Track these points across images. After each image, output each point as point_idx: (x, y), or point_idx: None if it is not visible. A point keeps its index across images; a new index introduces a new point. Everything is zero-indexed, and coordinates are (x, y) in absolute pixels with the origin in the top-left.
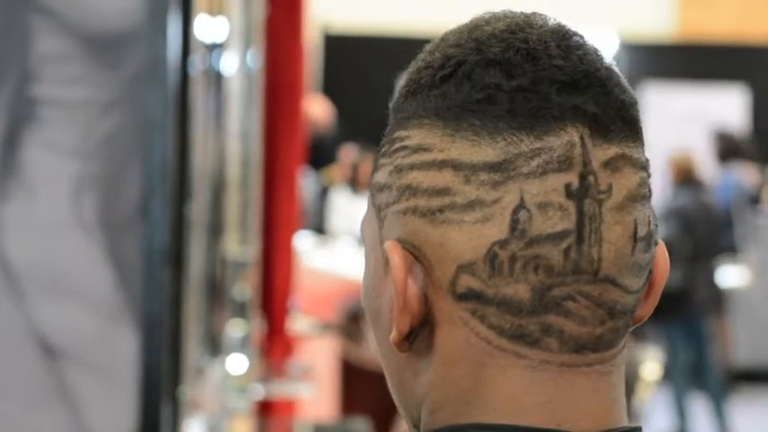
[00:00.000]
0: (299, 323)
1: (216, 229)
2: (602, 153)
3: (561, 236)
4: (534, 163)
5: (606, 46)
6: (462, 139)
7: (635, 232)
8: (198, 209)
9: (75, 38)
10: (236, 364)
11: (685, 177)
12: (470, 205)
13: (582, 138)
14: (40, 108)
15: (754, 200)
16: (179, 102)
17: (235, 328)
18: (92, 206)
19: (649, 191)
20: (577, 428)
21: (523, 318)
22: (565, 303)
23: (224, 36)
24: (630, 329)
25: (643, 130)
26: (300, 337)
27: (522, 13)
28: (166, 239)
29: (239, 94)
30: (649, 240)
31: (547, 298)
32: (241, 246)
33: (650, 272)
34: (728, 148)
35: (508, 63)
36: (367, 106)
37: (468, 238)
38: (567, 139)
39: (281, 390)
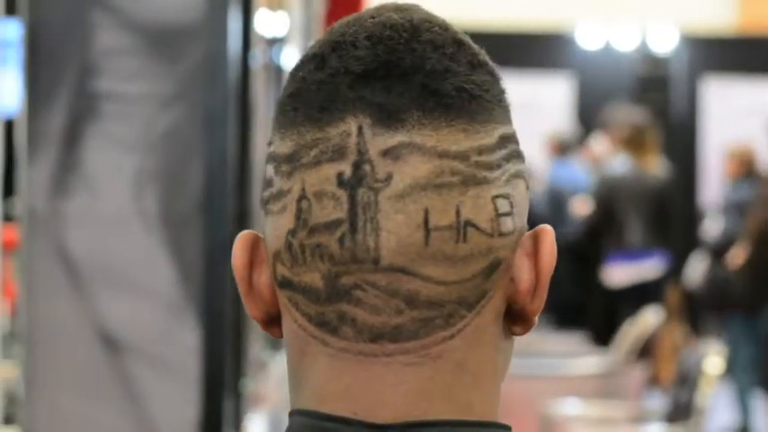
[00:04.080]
0: None
1: None
2: (382, 142)
3: (335, 224)
4: (312, 153)
5: (666, 40)
6: (276, 132)
7: (425, 221)
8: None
9: (136, 32)
10: None
11: (746, 170)
12: (276, 196)
13: (360, 127)
14: (100, 103)
15: None
16: (239, 96)
17: None
18: (153, 201)
19: (473, 178)
20: (374, 418)
21: (322, 305)
22: (354, 292)
23: (284, 30)
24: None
25: (476, 117)
26: None
27: (405, 5)
28: (227, 233)
29: None
30: (464, 230)
31: (337, 286)
32: None
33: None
34: None
35: (321, 56)
36: None
37: (274, 227)
38: (343, 128)
39: None
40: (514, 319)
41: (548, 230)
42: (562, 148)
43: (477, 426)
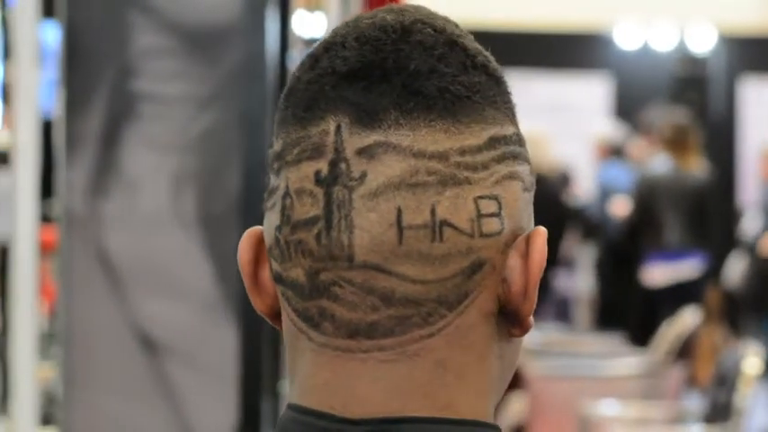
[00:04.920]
0: None
1: None
2: (359, 141)
3: (313, 221)
4: (295, 151)
5: (704, 39)
6: (274, 130)
7: (398, 220)
8: None
9: (174, 33)
10: None
11: None
12: (269, 193)
13: (339, 126)
14: (138, 103)
15: None
16: (277, 97)
17: None
18: (190, 202)
19: (452, 178)
20: (350, 413)
21: (306, 301)
22: (332, 288)
23: (322, 31)
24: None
25: (460, 118)
26: None
27: (408, 6)
28: None
29: None
30: (440, 230)
31: (317, 282)
32: None
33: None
34: None
35: (315, 57)
36: None
37: (267, 224)
38: (323, 127)
39: None
40: (511, 320)
41: (540, 232)
42: (610, 150)
43: (457, 424)
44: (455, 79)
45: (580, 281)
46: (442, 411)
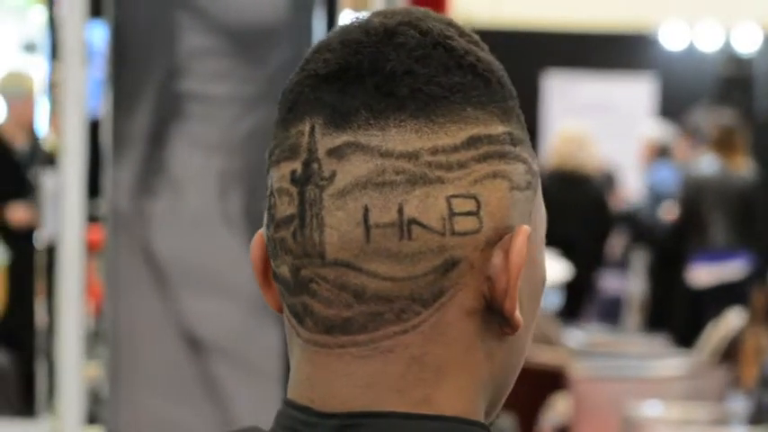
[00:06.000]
0: None
1: None
2: (330, 141)
3: (289, 220)
4: (276, 152)
5: (750, 40)
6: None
7: (365, 218)
8: None
9: (221, 34)
10: None
11: None
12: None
13: (313, 127)
14: (185, 104)
15: None
16: None
17: None
18: (236, 201)
19: (423, 177)
20: (327, 407)
21: (293, 297)
22: (311, 285)
23: None
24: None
25: (434, 118)
26: None
27: (403, 10)
28: None
29: None
30: (408, 228)
31: (299, 279)
32: None
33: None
34: None
35: (305, 59)
36: None
37: (264, 223)
38: (300, 128)
39: None
40: (498, 318)
41: (521, 230)
42: (658, 151)
43: (432, 420)
44: (432, 80)
45: (632, 283)
46: (417, 407)
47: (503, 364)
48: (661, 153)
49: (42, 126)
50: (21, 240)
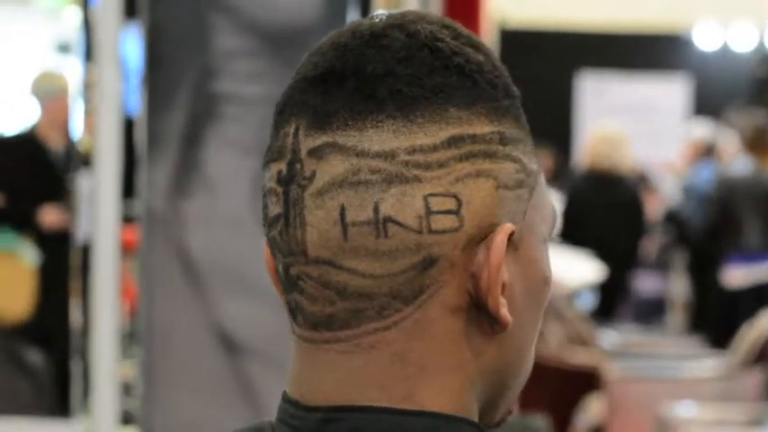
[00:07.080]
0: None
1: None
2: (311, 142)
3: (277, 219)
4: (267, 153)
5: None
6: None
7: (342, 217)
8: None
9: (255, 34)
10: None
11: None
12: None
13: (297, 128)
14: (219, 105)
15: None
16: None
17: None
18: None
19: (399, 176)
20: (313, 402)
21: (287, 294)
22: (300, 282)
23: None
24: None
25: (413, 118)
26: None
27: (399, 14)
28: None
29: None
30: (384, 226)
31: (289, 276)
32: None
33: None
34: None
35: (301, 63)
36: (543, 101)
37: (262, 222)
38: (286, 130)
39: None
40: (485, 315)
41: (502, 228)
42: (704, 151)
43: (414, 415)
44: (414, 81)
45: (674, 284)
46: (400, 402)
47: (495, 362)
48: (706, 153)
49: (77, 127)
50: (54, 242)
